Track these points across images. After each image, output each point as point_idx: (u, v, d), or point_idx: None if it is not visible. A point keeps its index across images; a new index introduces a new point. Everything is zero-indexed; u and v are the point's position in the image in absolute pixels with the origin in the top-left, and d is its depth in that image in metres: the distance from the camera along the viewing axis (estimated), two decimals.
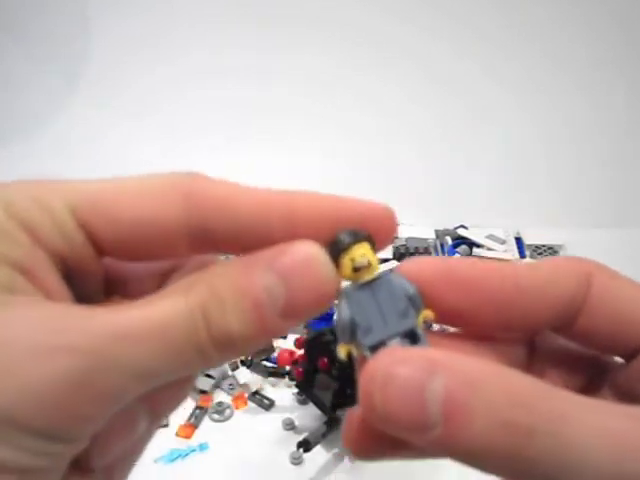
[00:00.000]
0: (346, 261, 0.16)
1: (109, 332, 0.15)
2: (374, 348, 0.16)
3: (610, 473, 0.14)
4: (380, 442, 0.17)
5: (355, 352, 0.17)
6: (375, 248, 0.17)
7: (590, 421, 0.14)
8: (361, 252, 0.16)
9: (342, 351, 0.17)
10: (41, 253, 0.16)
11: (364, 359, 0.16)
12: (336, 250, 0.16)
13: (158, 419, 0.19)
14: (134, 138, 1.13)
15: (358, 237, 0.16)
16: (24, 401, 0.14)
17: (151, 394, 0.16)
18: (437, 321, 0.18)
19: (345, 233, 0.16)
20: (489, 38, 1.14)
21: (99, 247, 0.17)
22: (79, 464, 0.16)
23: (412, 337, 0.17)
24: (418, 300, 0.17)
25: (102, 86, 1.19)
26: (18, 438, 0.14)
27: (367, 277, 0.17)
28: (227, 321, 0.15)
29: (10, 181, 0.17)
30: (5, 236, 0.15)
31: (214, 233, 0.17)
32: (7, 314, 0.15)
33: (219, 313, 0.15)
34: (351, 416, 0.18)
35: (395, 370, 0.15)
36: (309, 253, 0.16)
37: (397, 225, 0.18)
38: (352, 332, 0.17)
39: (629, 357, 0.19)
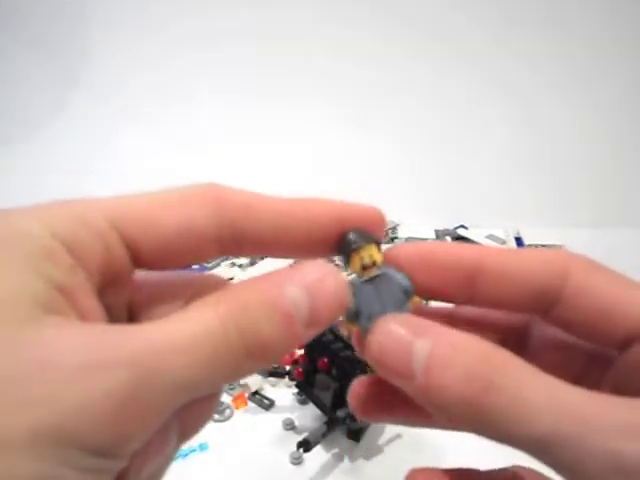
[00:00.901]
0: (356, 259, 0.20)
1: (151, 346, 0.15)
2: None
3: (546, 431, 0.16)
4: (380, 405, 0.22)
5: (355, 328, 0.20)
6: (380, 248, 0.20)
7: (544, 388, 0.17)
8: (369, 253, 0.20)
9: (346, 328, 0.20)
10: (81, 273, 0.17)
11: (362, 334, 0.20)
12: (348, 249, 0.20)
13: (187, 437, 0.20)
14: (134, 135, 1.13)
15: (367, 240, 0.20)
16: (78, 419, 0.14)
17: (182, 411, 0.17)
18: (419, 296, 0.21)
19: (355, 234, 0.20)
20: (491, 37, 1.14)
21: (136, 258, 0.18)
22: None
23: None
24: (411, 290, 0.20)
25: (102, 84, 1.19)
26: (74, 456, 0.14)
27: (371, 273, 0.20)
28: (260, 332, 0.17)
29: (50, 202, 0.17)
30: (48, 256, 0.16)
31: (241, 236, 0.19)
32: (49, 334, 0.15)
33: (252, 325, 0.17)
34: (358, 382, 0.22)
35: (393, 328, 0.18)
36: (327, 271, 0.18)
37: (386, 223, 0.21)
38: (356, 316, 0.20)
39: (619, 349, 0.20)
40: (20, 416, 0.14)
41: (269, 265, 0.80)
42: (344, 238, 0.20)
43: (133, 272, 0.19)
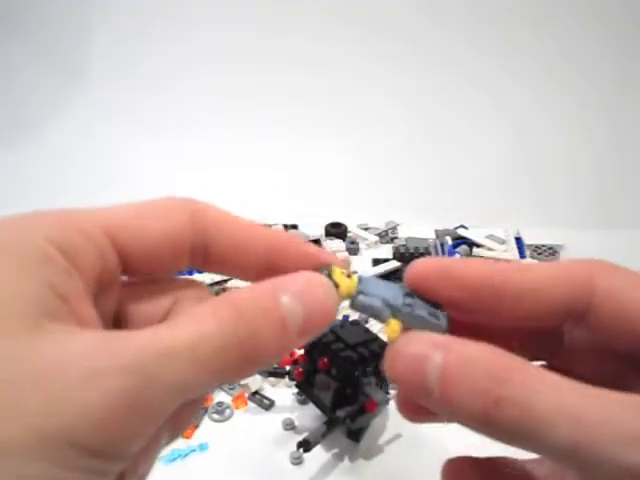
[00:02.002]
0: (339, 276, 0.21)
1: (150, 352, 0.16)
2: (405, 306, 0.21)
3: (562, 443, 0.16)
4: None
5: (401, 324, 0.21)
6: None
7: (551, 397, 0.17)
8: (340, 269, 0.21)
9: (394, 325, 0.20)
10: (77, 279, 0.17)
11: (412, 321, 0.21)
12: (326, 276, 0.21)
13: (176, 435, 0.20)
14: (134, 136, 1.13)
15: (330, 265, 0.21)
16: (82, 423, 0.15)
17: (174, 413, 0.17)
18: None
19: (322, 268, 0.21)
20: (492, 38, 1.15)
21: (125, 264, 0.19)
22: None
23: (410, 294, 0.21)
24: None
25: (103, 86, 1.19)
26: (77, 459, 0.15)
27: (355, 282, 0.21)
28: (257, 337, 0.17)
29: (45, 210, 0.18)
30: (47, 262, 0.16)
31: (209, 249, 0.21)
32: (53, 342, 0.15)
33: (249, 330, 0.17)
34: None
35: (404, 348, 0.19)
36: (318, 279, 0.19)
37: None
38: (389, 306, 0.21)
39: None
40: (26, 421, 0.14)
41: None
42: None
43: (120, 282, 0.20)
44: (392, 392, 0.60)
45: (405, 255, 0.87)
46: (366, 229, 0.95)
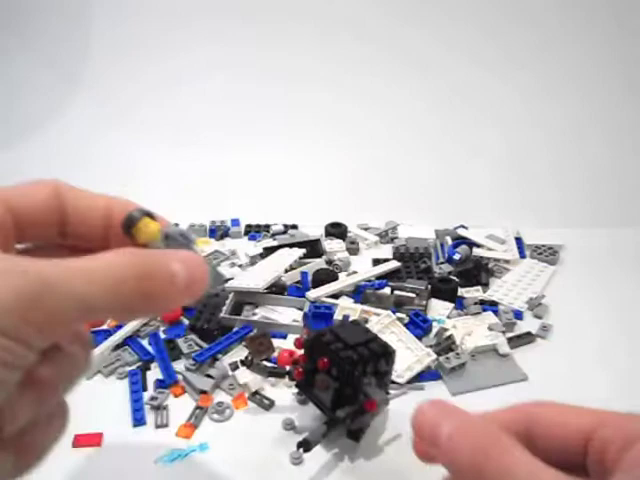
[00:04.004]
0: (144, 226, 0.28)
1: (56, 265, 0.21)
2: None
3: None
4: None
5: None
6: (153, 217, 0.29)
7: (523, 466, 0.22)
8: (145, 222, 0.28)
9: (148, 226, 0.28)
10: None
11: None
12: (131, 222, 0.28)
13: (63, 413, 0.26)
14: (134, 136, 1.13)
15: (142, 212, 0.28)
16: None
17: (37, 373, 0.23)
18: None
19: (135, 211, 0.28)
20: (490, 38, 1.15)
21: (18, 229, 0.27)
22: None
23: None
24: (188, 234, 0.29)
25: (101, 86, 1.19)
26: None
27: (158, 234, 0.28)
28: (152, 279, 0.23)
29: None
30: None
31: (68, 224, 0.28)
32: None
33: (145, 271, 0.23)
34: None
35: (426, 410, 0.28)
36: (196, 256, 0.26)
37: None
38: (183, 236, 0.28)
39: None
40: None
41: (267, 266, 0.80)
42: (127, 217, 0.28)
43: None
44: (392, 392, 0.60)
45: (405, 255, 0.87)
46: (366, 229, 0.95)
